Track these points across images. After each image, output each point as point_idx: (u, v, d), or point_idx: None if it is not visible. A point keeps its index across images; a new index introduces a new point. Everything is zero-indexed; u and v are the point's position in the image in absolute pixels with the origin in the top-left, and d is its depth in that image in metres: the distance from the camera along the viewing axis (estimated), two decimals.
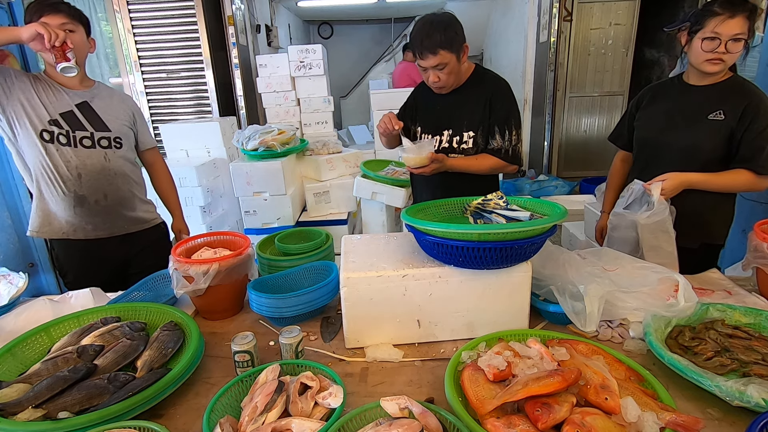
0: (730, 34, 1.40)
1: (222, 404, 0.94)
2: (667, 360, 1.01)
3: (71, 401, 0.96)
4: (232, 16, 4.40)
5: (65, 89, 1.67)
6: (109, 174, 1.73)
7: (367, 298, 1.18)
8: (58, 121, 1.63)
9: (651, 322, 1.15)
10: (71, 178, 1.66)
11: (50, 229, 1.71)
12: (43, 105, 1.61)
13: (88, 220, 1.72)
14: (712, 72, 1.50)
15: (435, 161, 1.60)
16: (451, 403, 0.90)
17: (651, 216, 1.46)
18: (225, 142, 3.51)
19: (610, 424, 0.80)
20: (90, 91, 1.73)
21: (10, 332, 1.31)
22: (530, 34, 5.77)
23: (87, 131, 1.68)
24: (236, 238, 1.54)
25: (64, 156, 1.64)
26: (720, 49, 1.43)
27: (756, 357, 1.05)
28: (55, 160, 1.64)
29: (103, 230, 1.75)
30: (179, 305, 1.46)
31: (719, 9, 1.41)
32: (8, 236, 1.89)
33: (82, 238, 1.73)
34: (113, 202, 1.76)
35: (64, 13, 1.58)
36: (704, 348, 1.09)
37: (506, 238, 1.08)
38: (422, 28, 1.58)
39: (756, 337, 1.12)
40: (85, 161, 1.67)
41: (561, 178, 5.07)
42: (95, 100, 1.72)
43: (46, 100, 1.62)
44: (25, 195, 1.91)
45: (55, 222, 1.70)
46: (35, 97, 1.60)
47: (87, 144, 1.67)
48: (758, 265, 1.37)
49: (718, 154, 1.54)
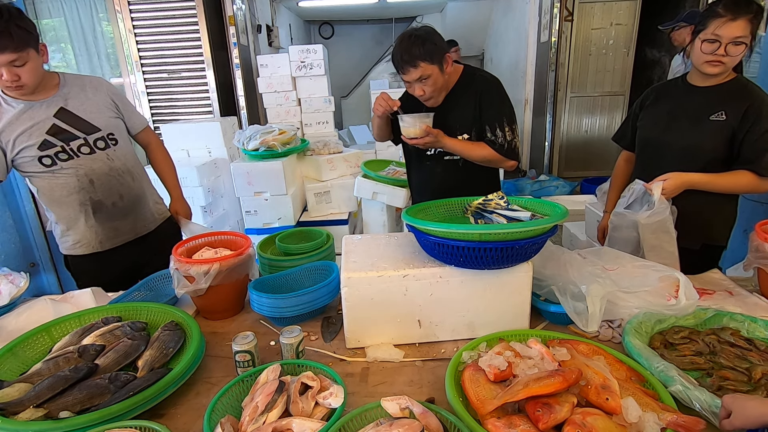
0: (731, 36, 1.39)
1: (223, 404, 0.94)
2: (625, 342, 1.07)
3: (72, 401, 0.97)
4: (233, 16, 4.40)
5: (34, 102, 1.54)
6: (118, 174, 1.69)
7: (367, 298, 1.18)
8: (48, 141, 1.54)
9: (641, 317, 1.16)
10: (84, 185, 1.63)
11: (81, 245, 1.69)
12: (25, 133, 1.52)
13: (110, 225, 1.70)
14: (711, 73, 1.49)
15: (430, 135, 1.59)
16: (452, 404, 0.90)
17: (652, 216, 1.46)
18: (226, 142, 3.51)
19: (611, 425, 0.80)
20: (60, 92, 1.59)
21: (11, 332, 1.31)
22: (531, 34, 5.76)
23: (79, 138, 1.60)
24: (237, 238, 1.54)
25: (71, 169, 1.60)
26: (720, 51, 1.42)
27: (738, 364, 1.02)
28: (64, 177, 1.60)
29: (127, 233, 1.74)
30: (180, 305, 1.46)
31: (722, 10, 1.40)
32: (10, 236, 1.89)
33: (108, 248, 1.71)
34: (129, 201, 1.73)
35: (10, 51, 1.38)
36: (687, 347, 1.09)
37: (507, 238, 1.08)
38: (401, 44, 1.59)
39: (762, 350, 1.07)
40: (92, 166, 1.63)
41: (562, 179, 5.07)
42: (70, 102, 1.60)
43: (24, 125, 1.51)
44: (26, 196, 1.91)
45: (84, 239, 1.68)
46: (13, 130, 1.50)
47: (86, 151, 1.62)
48: (760, 266, 1.37)
49: (719, 155, 1.53)
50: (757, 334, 1.13)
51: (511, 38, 6.77)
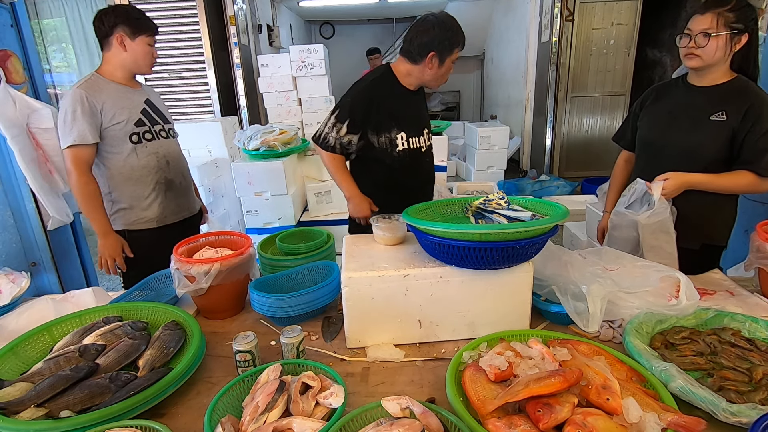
0: (698, 29, 1.46)
1: (223, 404, 0.94)
2: (626, 343, 1.07)
3: (73, 400, 0.97)
4: (234, 16, 4.41)
5: (130, 89, 1.81)
6: (181, 159, 2.01)
7: (368, 297, 1.18)
8: (141, 120, 1.81)
9: (641, 317, 1.16)
10: (162, 166, 1.87)
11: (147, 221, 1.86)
12: (124, 109, 1.75)
13: (176, 203, 1.93)
14: (690, 67, 1.55)
15: None
16: (453, 403, 0.90)
17: (652, 216, 1.46)
18: (226, 142, 3.51)
19: (612, 425, 0.80)
20: (144, 88, 1.91)
21: (12, 331, 1.31)
22: (532, 33, 5.76)
23: (160, 123, 1.89)
24: (238, 237, 1.54)
25: (153, 149, 1.83)
26: (691, 44, 1.48)
27: (739, 364, 1.01)
28: (146, 158, 1.81)
29: (186, 210, 1.99)
30: (181, 305, 1.47)
31: (697, 6, 1.48)
32: (11, 236, 1.89)
33: (167, 223, 1.91)
34: (186, 183, 2.02)
35: (154, 32, 1.79)
36: (688, 347, 1.09)
37: (508, 238, 1.08)
38: (453, 23, 1.73)
39: (763, 350, 1.07)
40: (168, 149, 1.90)
41: (562, 178, 5.07)
42: (151, 97, 1.91)
43: (123, 104, 1.76)
44: (27, 195, 1.91)
45: (153, 214, 1.86)
46: (113, 104, 1.73)
47: (164, 135, 1.90)
48: (760, 266, 1.37)
49: (719, 155, 1.53)
50: (758, 335, 1.13)
51: (511, 38, 6.77)
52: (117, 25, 1.71)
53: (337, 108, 1.79)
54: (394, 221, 1.36)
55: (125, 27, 1.71)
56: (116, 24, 1.71)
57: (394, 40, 8.96)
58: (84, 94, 1.66)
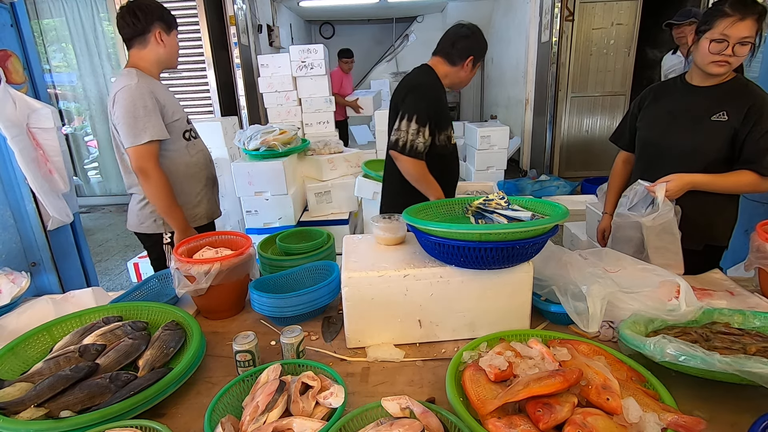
0: (739, 36, 1.39)
1: (223, 404, 0.94)
2: (620, 335, 1.07)
3: (73, 400, 0.97)
4: (234, 16, 4.41)
5: (166, 87, 1.84)
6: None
7: (368, 297, 1.18)
8: (188, 119, 1.88)
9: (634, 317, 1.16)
10: (208, 163, 1.93)
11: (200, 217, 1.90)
12: (179, 108, 1.80)
13: (215, 199, 1.99)
14: (716, 74, 1.49)
15: None
16: (452, 403, 0.90)
17: (656, 218, 1.46)
18: (226, 141, 3.51)
19: (612, 425, 0.80)
20: None
21: (12, 331, 1.31)
22: (532, 33, 5.76)
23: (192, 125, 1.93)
24: (238, 237, 1.54)
25: (199, 146, 1.90)
26: (727, 51, 1.41)
27: (731, 345, 1.02)
28: (197, 155, 1.87)
29: (217, 209, 2.03)
30: (181, 305, 1.47)
31: (730, 10, 1.39)
32: (11, 235, 1.89)
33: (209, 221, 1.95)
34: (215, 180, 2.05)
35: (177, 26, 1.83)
36: (684, 338, 1.09)
37: (508, 238, 1.08)
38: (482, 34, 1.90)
39: (753, 335, 1.08)
40: (204, 148, 1.95)
41: (562, 178, 5.07)
42: None
43: (174, 101, 1.79)
44: (27, 194, 1.91)
45: (204, 211, 1.92)
46: (171, 103, 1.76)
47: (194, 135, 1.92)
48: (761, 266, 1.37)
49: (721, 155, 1.53)
50: (747, 324, 1.15)
51: (511, 38, 6.77)
52: (155, 21, 1.71)
53: (413, 114, 1.79)
54: (394, 221, 1.36)
55: (162, 23, 1.73)
56: (154, 20, 1.71)
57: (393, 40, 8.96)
58: (148, 90, 1.66)
